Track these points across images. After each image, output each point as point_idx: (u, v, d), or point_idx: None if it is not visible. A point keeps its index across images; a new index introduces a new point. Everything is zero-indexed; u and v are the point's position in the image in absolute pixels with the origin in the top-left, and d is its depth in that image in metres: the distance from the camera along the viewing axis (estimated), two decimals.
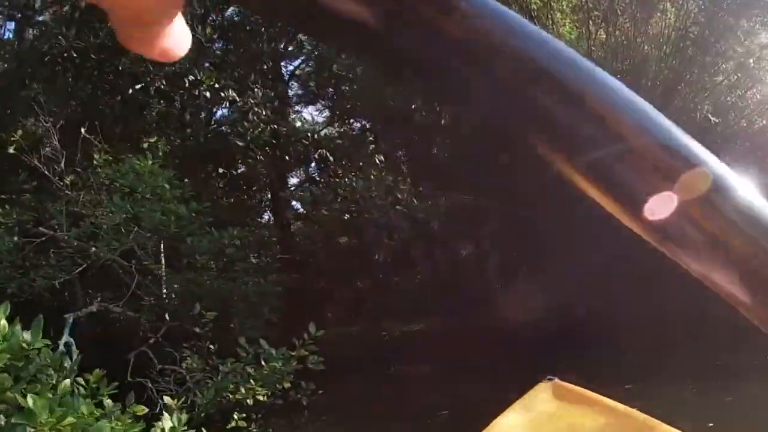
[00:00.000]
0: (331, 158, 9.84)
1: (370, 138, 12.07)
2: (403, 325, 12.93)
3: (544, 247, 10.48)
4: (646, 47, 10.96)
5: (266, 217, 13.89)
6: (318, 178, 10.83)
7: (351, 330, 12.04)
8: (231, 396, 4.86)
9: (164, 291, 8.19)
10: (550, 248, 10.21)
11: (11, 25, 12.87)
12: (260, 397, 4.88)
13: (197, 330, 6.14)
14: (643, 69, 10.73)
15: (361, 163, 10.51)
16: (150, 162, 6.64)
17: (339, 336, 11.77)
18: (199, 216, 7.45)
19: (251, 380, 4.86)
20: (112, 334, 9.06)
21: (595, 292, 9.14)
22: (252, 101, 9.24)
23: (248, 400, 4.83)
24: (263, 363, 5.01)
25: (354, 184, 9.02)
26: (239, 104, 9.25)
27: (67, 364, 4.36)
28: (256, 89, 9.60)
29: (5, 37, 12.89)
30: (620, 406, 2.66)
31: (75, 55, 10.55)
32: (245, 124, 9.33)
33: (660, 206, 0.30)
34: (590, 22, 11.18)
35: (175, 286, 7.64)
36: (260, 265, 9.11)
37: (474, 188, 11.15)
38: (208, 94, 9.06)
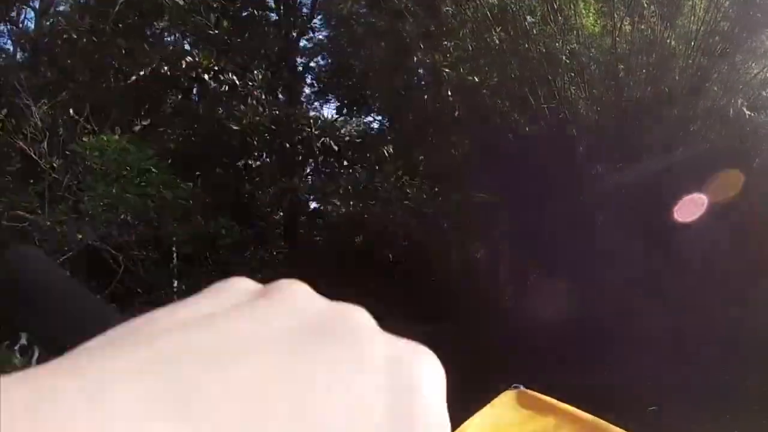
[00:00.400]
0: (335, 148, 9.35)
1: (380, 128, 11.69)
2: (413, 326, 12.43)
3: (563, 253, 9.99)
4: (673, 42, 10.38)
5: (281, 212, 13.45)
6: (322, 169, 10.33)
7: None
8: None
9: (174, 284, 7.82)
10: (567, 254, 9.73)
11: (31, 14, 12.76)
12: None
13: None
14: (669, 64, 10.16)
15: (368, 155, 10.00)
16: (117, 136, 6.17)
17: None
18: (186, 202, 6.95)
19: None
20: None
21: (612, 303, 8.66)
22: (251, 84, 8.78)
23: None
24: None
25: (357, 175, 8.52)
26: (239, 88, 8.80)
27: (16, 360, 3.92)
28: (255, 72, 9.14)
29: (25, 25, 12.79)
30: (585, 415, 2.70)
31: (85, 41, 10.25)
32: (242, 108, 8.85)
33: None
34: (615, 14, 10.61)
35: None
36: (258, 259, 8.65)
37: (488, 186, 10.69)
38: (206, 76, 8.62)
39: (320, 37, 13.33)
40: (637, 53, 10.31)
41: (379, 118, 13.80)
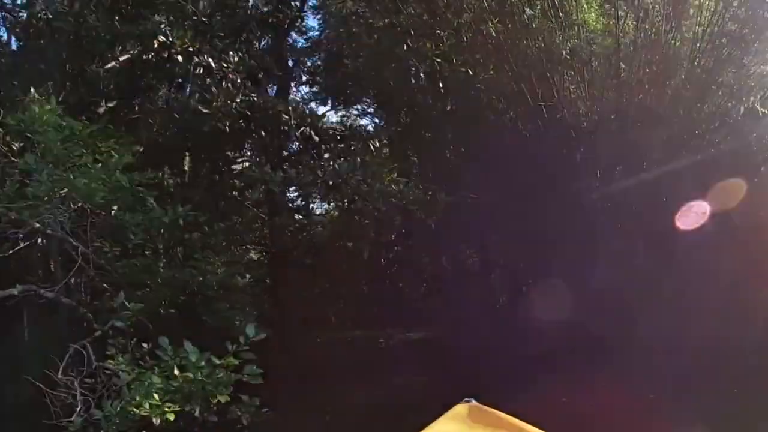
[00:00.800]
0: (316, 138, 8.88)
1: (367, 120, 11.42)
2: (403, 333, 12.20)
3: (561, 257, 9.57)
4: (678, 42, 9.94)
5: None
6: (300, 160, 9.86)
7: (333, 335, 11.17)
8: (136, 412, 3.80)
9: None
10: (566, 259, 9.31)
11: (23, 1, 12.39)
12: (170, 416, 3.82)
13: (118, 324, 5.10)
14: (674, 64, 9.72)
15: (352, 147, 9.57)
16: (49, 107, 5.61)
17: (325, 341, 10.99)
18: (139, 188, 6.40)
19: (155, 394, 3.79)
20: (67, 323, 8.16)
21: (610, 312, 8.26)
22: (226, 66, 8.30)
23: (155, 419, 3.76)
24: (176, 372, 3.95)
25: (338, 167, 8.04)
26: (215, 71, 8.32)
27: None
28: (231, 53, 8.65)
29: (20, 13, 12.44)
30: (535, 430, 2.68)
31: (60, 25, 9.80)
32: (213, 90, 8.37)
33: None
34: (618, 11, 10.15)
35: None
36: (237, 258, 8.20)
37: (481, 186, 10.29)
38: (180, 58, 8.12)
39: (316, 35, 13.07)
40: (641, 52, 9.88)
41: (376, 119, 13.44)
